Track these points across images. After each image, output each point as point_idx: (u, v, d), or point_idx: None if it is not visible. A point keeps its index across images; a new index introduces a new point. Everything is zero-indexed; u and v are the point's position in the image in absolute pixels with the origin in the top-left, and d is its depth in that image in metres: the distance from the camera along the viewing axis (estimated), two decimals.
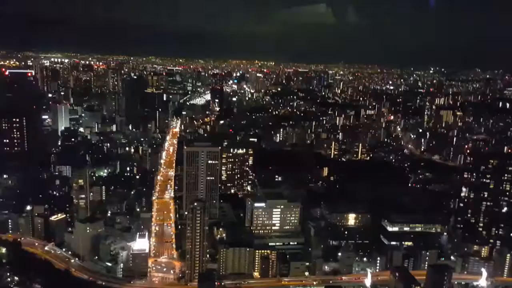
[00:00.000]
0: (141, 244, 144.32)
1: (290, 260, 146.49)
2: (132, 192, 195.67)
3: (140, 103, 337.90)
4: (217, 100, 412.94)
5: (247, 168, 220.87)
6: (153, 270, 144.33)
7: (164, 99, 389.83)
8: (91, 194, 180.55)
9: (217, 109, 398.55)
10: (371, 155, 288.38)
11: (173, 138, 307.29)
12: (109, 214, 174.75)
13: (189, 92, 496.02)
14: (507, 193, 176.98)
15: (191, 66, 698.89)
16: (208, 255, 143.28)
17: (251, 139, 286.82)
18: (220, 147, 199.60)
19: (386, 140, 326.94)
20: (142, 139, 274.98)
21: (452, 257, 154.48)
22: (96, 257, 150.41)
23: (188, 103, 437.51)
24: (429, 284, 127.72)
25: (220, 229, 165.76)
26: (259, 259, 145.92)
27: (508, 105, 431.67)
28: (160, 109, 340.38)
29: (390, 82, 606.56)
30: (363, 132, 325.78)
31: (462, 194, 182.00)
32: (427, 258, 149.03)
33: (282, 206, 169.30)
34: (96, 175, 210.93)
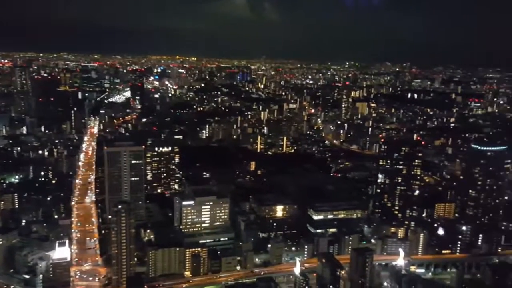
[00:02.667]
0: (61, 252, 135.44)
1: (221, 255, 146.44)
2: (48, 198, 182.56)
3: (52, 102, 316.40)
4: (138, 97, 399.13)
5: (173, 166, 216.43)
6: (76, 279, 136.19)
7: (80, 97, 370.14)
8: (2, 202, 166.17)
9: (139, 106, 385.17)
10: (295, 147, 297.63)
11: (91, 138, 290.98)
12: (23, 223, 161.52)
13: (107, 90, 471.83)
14: (418, 177, 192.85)
15: (108, 62, 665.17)
16: (136, 259, 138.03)
17: (176, 137, 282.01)
18: (144, 146, 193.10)
19: (308, 132, 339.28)
20: (56, 141, 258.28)
21: (372, 240, 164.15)
22: (12, 270, 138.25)
23: (106, 101, 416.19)
24: (353, 267, 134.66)
25: (148, 230, 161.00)
26: (189, 258, 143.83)
27: (416, 95, 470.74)
28: (75, 108, 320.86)
29: (310, 77, 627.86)
30: (286, 125, 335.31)
31: (379, 180, 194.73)
32: (350, 242, 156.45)
33: (211, 203, 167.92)
34: (7, 181, 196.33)
